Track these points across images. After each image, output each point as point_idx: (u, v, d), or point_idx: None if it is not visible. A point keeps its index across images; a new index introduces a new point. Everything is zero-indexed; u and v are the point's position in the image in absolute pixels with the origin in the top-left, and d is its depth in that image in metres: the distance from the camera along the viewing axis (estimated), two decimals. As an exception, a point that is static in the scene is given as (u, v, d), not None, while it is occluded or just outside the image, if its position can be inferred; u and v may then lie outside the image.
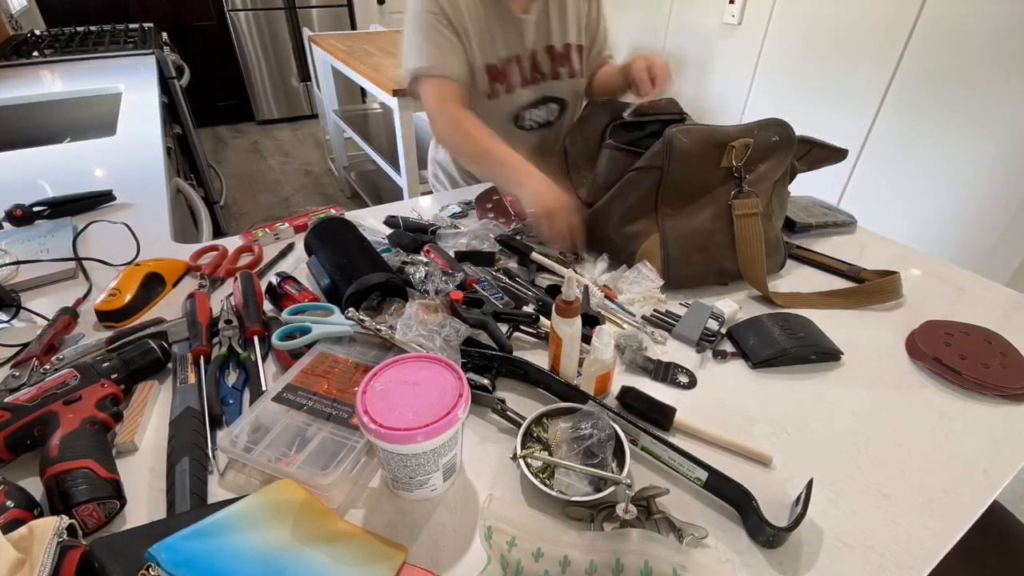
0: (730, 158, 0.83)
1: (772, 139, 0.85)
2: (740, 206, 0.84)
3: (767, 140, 0.84)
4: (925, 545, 0.52)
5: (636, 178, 0.87)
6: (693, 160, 0.82)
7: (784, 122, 0.86)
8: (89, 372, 0.62)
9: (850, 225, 1.07)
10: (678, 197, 0.85)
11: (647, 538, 0.47)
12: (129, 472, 0.57)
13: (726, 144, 0.82)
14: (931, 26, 1.65)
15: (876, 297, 0.86)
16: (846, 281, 0.91)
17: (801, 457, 0.61)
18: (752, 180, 0.85)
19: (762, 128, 0.84)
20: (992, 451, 0.62)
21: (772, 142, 0.85)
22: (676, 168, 0.83)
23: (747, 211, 0.85)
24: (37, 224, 1.03)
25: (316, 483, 0.52)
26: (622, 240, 0.90)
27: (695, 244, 0.86)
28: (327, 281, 0.80)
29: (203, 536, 0.45)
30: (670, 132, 0.81)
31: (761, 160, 0.85)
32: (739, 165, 0.83)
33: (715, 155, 0.83)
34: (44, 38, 2.50)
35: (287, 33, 4.38)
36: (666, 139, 0.82)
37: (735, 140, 0.82)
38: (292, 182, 3.75)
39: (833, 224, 1.06)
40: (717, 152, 0.83)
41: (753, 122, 0.85)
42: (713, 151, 0.83)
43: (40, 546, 0.43)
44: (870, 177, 1.92)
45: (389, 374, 0.54)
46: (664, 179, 0.84)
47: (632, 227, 0.89)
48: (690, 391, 0.70)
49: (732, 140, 0.82)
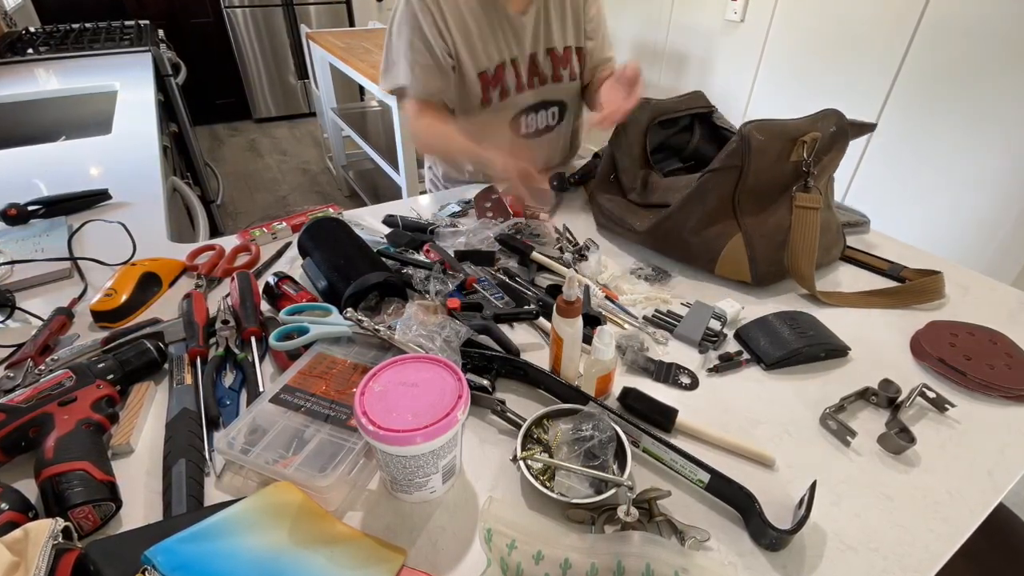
0: (800, 152, 0.83)
1: (831, 130, 0.85)
2: (802, 199, 0.84)
3: (827, 131, 0.84)
4: (930, 548, 0.52)
5: (713, 179, 0.85)
6: (769, 156, 0.82)
7: (839, 112, 0.86)
8: (84, 373, 0.62)
9: (863, 225, 1.06)
10: (755, 195, 0.85)
11: (648, 541, 0.47)
12: (125, 474, 0.56)
13: (797, 139, 0.82)
14: (937, 22, 1.65)
15: (921, 297, 0.85)
16: (887, 280, 0.91)
17: (804, 459, 0.60)
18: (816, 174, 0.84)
19: (823, 119, 0.84)
20: (997, 453, 0.61)
21: (831, 133, 0.85)
22: (754, 165, 0.82)
23: (808, 204, 0.84)
24: (32, 223, 1.02)
25: (314, 485, 0.52)
26: (702, 244, 0.89)
27: (777, 242, 0.85)
28: (324, 283, 0.80)
29: (200, 539, 0.45)
30: (746, 129, 0.81)
31: (824, 152, 0.85)
32: (808, 159, 0.83)
33: (787, 150, 0.83)
34: (39, 35, 2.49)
35: (285, 30, 4.37)
36: (743, 136, 0.81)
37: (805, 134, 0.82)
38: (290, 181, 3.74)
39: (847, 224, 1.04)
40: (789, 147, 0.83)
41: (815, 114, 0.85)
42: (785, 146, 0.82)
43: (35, 549, 0.43)
44: (874, 176, 1.92)
45: (388, 375, 0.53)
46: (743, 177, 0.83)
47: (712, 229, 0.88)
48: (692, 392, 0.69)
49: (803, 134, 0.82)
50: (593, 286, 0.84)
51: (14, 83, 1.89)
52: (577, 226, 1.05)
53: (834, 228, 0.92)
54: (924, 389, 0.66)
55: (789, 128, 0.82)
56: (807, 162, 0.83)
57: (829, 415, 0.64)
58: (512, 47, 1.11)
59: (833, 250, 0.94)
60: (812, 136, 0.82)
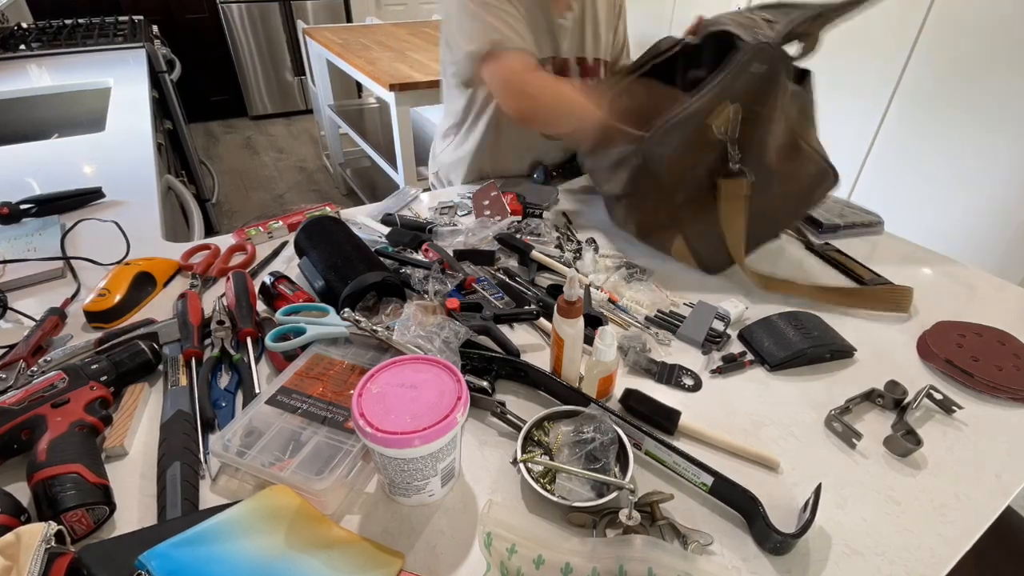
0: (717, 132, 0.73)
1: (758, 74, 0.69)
2: (726, 188, 0.76)
3: (751, 83, 0.70)
4: (936, 552, 0.51)
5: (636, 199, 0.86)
6: (685, 160, 0.77)
7: (762, 46, 0.68)
8: (77, 374, 0.62)
9: (877, 225, 1.04)
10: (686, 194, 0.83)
11: (651, 545, 0.46)
12: (119, 477, 0.56)
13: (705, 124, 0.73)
14: (943, 20, 1.64)
15: (876, 304, 0.82)
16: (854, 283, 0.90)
17: (809, 462, 0.60)
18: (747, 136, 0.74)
19: (738, 73, 0.70)
20: (1006, 455, 0.61)
21: (758, 77, 0.69)
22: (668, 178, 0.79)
23: (732, 192, 0.76)
24: (24, 222, 1.01)
25: (311, 488, 0.51)
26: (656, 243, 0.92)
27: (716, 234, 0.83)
28: (321, 282, 0.79)
29: (195, 543, 0.45)
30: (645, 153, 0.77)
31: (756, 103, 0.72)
32: (728, 134, 0.71)
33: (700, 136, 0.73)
34: (31, 31, 2.47)
35: (281, 26, 4.35)
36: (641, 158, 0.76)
37: (710, 114, 0.71)
38: (286, 179, 3.72)
39: (860, 225, 1.03)
40: (701, 133, 0.73)
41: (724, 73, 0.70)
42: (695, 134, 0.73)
43: (27, 553, 0.42)
44: (880, 175, 1.92)
45: (386, 376, 0.53)
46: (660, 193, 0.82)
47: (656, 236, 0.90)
48: (695, 394, 0.69)
49: (706, 115, 0.72)
50: (594, 290, 0.83)
51: (6, 80, 1.87)
52: (578, 221, 1.05)
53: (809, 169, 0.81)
54: (931, 391, 0.66)
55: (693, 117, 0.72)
56: (729, 139, 0.72)
57: (834, 417, 0.63)
58: (546, 48, 1.10)
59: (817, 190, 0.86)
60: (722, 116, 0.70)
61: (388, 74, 2.06)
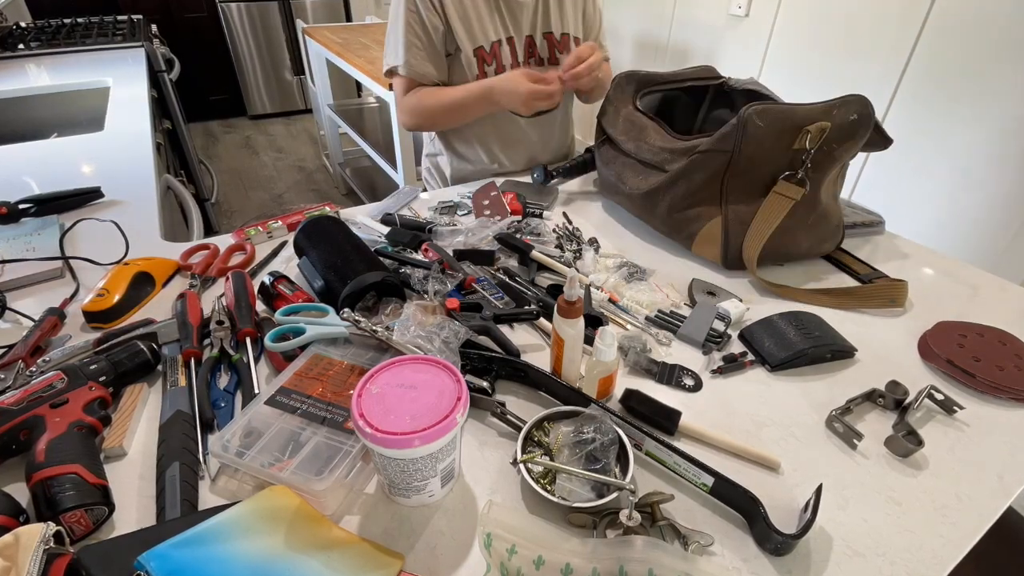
0: (803, 141, 0.79)
1: (851, 118, 0.80)
2: (783, 187, 0.82)
3: (845, 120, 0.80)
4: (938, 553, 0.51)
5: (701, 160, 0.84)
6: (766, 143, 0.79)
7: (864, 99, 0.80)
8: (76, 375, 0.61)
9: (878, 225, 1.04)
10: (746, 180, 0.83)
11: (651, 545, 0.46)
12: (117, 478, 0.56)
13: (802, 127, 0.79)
14: (945, 16, 1.63)
15: (870, 303, 0.83)
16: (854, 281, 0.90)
17: (810, 462, 0.60)
18: (818, 161, 0.81)
19: (842, 106, 0.80)
20: (1007, 456, 0.61)
21: (850, 122, 0.80)
22: (747, 151, 0.80)
23: (786, 192, 0.82)
24: (23, 222, 1.01)
25: (310, 489, 0.51)
26: (679, 222, 0.91)
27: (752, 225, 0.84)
28: (320, 282, 0.79)
29: (194, 544, 0.45)
30: (746, 114, 0.78)
31: (837, 141, 0.81)
32: (810, 150, 0.79)
33: (789, 137, 0.80)
34: (30, 30, 2.47)
35: (280, 25, 4.35)
36: (741, 120, 0.78)
37: (812, 123, 0.78)
38: (285, 179, 3.72)
39: (861, 224, 1.03)
40: (792, 134, 0.79)
41: (834, 99, 0.80)
42: (788, 133, 0.79)
43: (26, 554, 0.42)
44: (881, 173, 1.91)
45: (385, 377, 0.53)
46: (732, 163, 0.82)
47: (693, 211, 0.88)
48: (696, 394, 0.68)
49: (809, 123, 0.78)
50: (595, 290, 0.83)
51: (4, 79, 1.87)
52: (578, 221, 1.04)
53: (833, 220, 0.89)
54: (932, 391, 0.66)
55: (797, 115, 0.79)
56: (807, 152, 0.80)
57: (835, 417, 0.63)
58: (509, 27, 1.14)
59: (827, 243, 0.92)
60: (820, 126, 0.78)
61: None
